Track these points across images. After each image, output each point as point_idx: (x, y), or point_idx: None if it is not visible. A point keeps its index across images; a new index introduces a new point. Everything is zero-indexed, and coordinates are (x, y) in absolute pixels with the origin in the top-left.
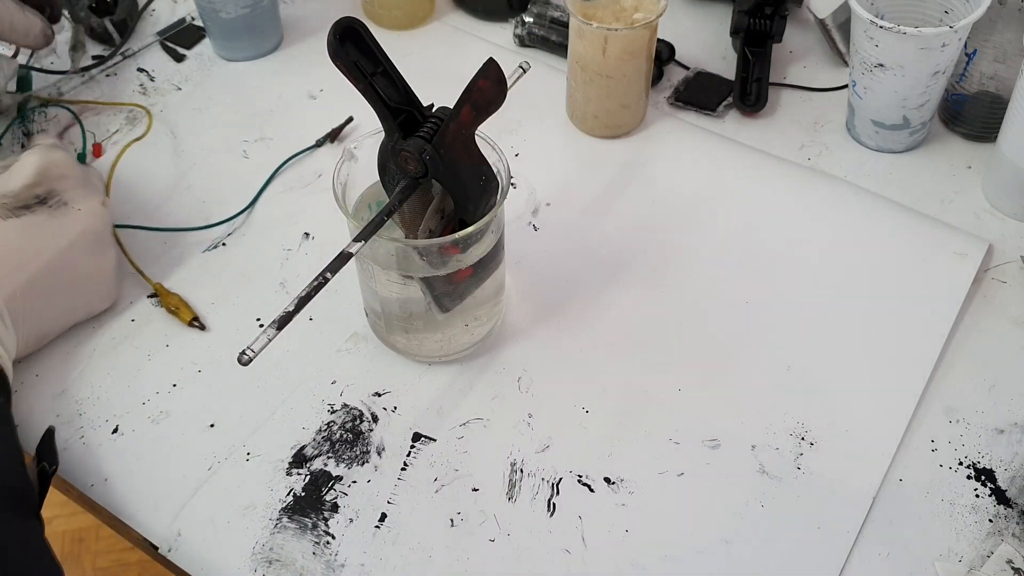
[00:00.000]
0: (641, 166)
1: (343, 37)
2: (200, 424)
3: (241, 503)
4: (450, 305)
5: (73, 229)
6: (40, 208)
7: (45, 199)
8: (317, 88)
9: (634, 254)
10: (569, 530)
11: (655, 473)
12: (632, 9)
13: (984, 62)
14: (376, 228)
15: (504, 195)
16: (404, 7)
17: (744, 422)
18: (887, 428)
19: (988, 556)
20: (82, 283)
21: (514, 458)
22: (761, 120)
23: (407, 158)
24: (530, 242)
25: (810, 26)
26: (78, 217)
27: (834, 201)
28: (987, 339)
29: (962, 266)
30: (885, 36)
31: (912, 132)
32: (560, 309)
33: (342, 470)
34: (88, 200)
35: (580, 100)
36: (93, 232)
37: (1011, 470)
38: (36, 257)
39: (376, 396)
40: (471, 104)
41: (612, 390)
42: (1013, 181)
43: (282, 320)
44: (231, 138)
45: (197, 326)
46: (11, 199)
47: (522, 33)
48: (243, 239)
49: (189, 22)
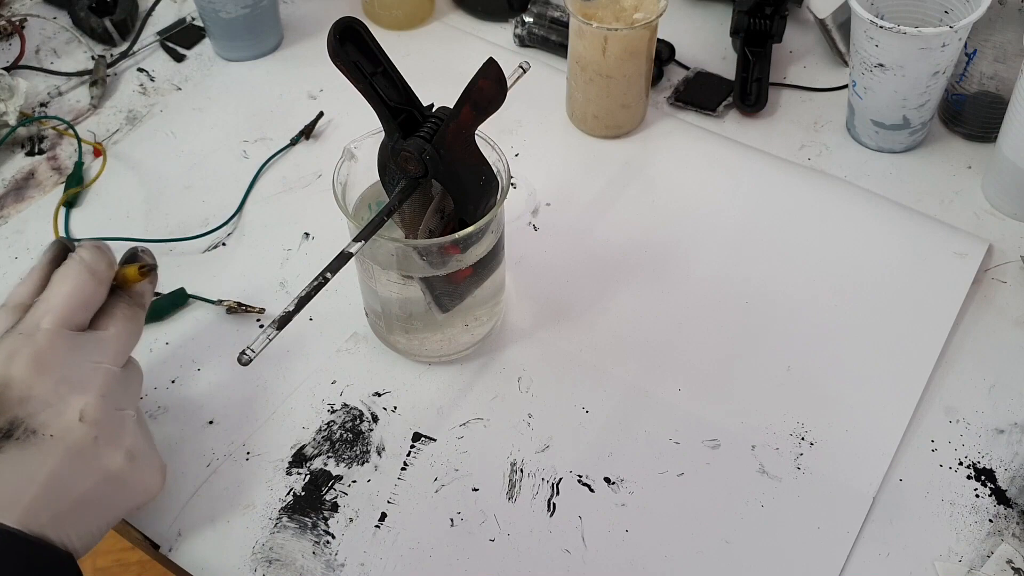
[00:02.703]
0: (641, 166)
1: (343, 37)
2: (199, 421)
3: (241, 502)
4: (450, 305)
5: (50, 460)
6: (7, 444)
7: (10, 431)
8: (317, 88)
9: (634, 254)
10: (569, 530)
11: (655, 473)
12: (632, 9)
13: (984, 62)
14: (376, 228)
15: (504, 195)
16: (404, 7)
17: (744, 422)
18: (887, 428)
19: (988, 556)
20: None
21: (514, 458)
22: (761, 120)
23: (407, 158)
24: (530, 242)
25: (810, 26)
26: (52, 446)
27: (834, 201)
28: (987, 339)
29: (962, 266)
30: (885, 36)
31: (912, 132)
32: (560, 309)
33: (342, 470)
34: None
35: (580, 100)
36: (76, 454)
37: (1011, 470)
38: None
39: (376, 396)
40: (471, 104)
41: (612, 390)
42: (1013, 181)
43: (282, 320)
44: (231, 138)
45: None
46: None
47: (522, 33)
48: (243, 239)
49: (189, 22)
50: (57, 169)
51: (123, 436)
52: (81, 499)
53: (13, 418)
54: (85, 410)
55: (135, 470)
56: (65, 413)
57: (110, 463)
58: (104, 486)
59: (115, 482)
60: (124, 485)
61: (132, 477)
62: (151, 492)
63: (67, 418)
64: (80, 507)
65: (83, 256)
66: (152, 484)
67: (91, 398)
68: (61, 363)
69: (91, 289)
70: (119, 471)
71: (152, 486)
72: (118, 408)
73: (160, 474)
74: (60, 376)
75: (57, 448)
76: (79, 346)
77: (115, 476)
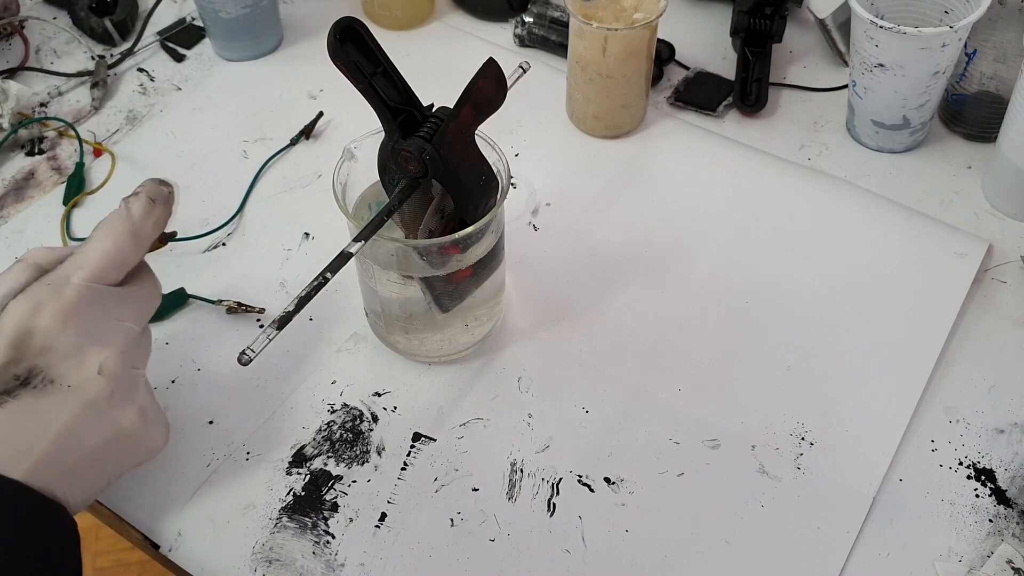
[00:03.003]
0: (641, 166)
1: (343, 37)
2: (199, 421)
3: (241, 502)
4: (450, 305)
5: (65, 412)
6: (23, 392)
7: (27, 379)
8: (317, 88)
9: (634, 254)
10: (569, 530)
11: (655, 473)
12: (632, 9)
13: (984, 62)
14: (376, 228)
15: (504, 195)
16: (404, 7)
17: (744, 422)
18: (887, 428)
19: (988, 556)
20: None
21: (514, 458)
22: (761, 120)
23: (407, 158)
24: (530, 242)
25: (810, 26)
26: (68, 397)
27: (834, 201)
28: (987, 339)
29: (962, 266)
30: (885, 36)
31: (912, 132)
32: (560, 309)
33: (342, 470)
34: (80, 371)
35: (580, 100)
36: (92, 407)
37: (1011, 470)
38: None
39: (376, 396)
40: (471, 104)
41: (612, 390)
42: (1013, 181)
43: (282, 320)
44: (231, 138)
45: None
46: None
47: (522, 33)
48: (243, 239)
49: (189, 22)
50: (57, 169)
51: (136, 394)
52: (91, 454)
53: (32, 366)
54: (104, 364)
55: (145, 428)
56: (84, 365)
57: (123, 419)
58: (114, 442)
59: (126, 439)
60: (133, 442)
61: (141, 435)
62: (156, 450)
63: (86, 371)
64: (88, 463)
65: (132, 212)
66: (157, 442)
67: (111, 353)
68: (86, 317)
69: (130, 250)
70: (131, 428)
71: (157, 444)
72: (134, 367)
73: (165, 432)
74: (83, 330)
75: (73, 400)
76: (105, 302)
77: (127, 433)
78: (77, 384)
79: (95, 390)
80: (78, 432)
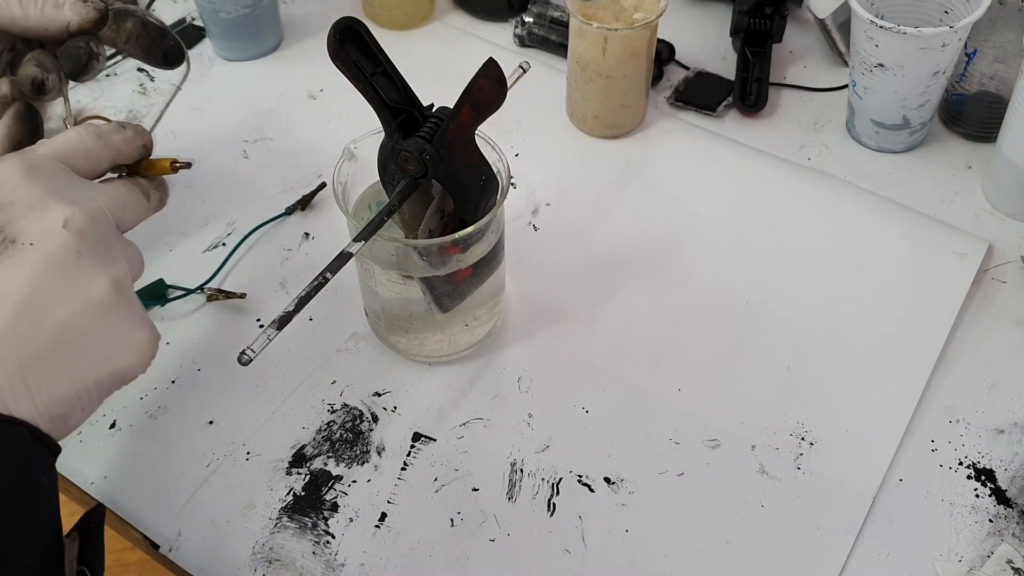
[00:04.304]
0: (641, 166)
1: (343, 37)
2: (199, 421)
3: (241, 502)
4: (450, 305)
5: (25, 273)
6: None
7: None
8: (317, 88)
9: (634, 254)
10: (569, 530)
11: (655, 473)
12: (632, 9)
13: (984, 62)
14: (376, 228)
15: (504, 195)
16: (404, 7)
17: (744, 422)
18: (887, 428)
19: (988, 556)
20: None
21: (514, 458)
22: (761, 120)
23: (407, 158)
24: (530, 242)
25: (810, 26)
26: (30, 255)
27: (834, 201)
28: (987, 339)
29: (962, 266)
30: (885, 36)
31: (912, 132)
32: (560, 309)
33: (342, 470)
34: (41, 225)
35: (580, 100)
36: (56, 267)
37: (1011, 470)
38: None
39: (376, 396)
40: (471, 104)
41: (612, 390)
42: (1013, 181)
43: (282, 320)
44: (231, 138)
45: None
46: None
47: (522, 33)
48: (243, 239)
49: (189, 22)
50: None
51: (110, 261)
52: (57, 335)
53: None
54: (71, 218)
55: (120, 311)
56: (47, 219)
57: (93, 288)
58: (85, 319)
59: (99, 321)
60: (108, 331)
61: (117, 320)
62: (138, 355)
63: (49, 223)
64: (56, 351)
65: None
66: (139, 343)
67: (78, 209)
68: (52, 177)
69: (95, 144)
70: (103, 300)
71: (139, 346)
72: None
73: (149, 333)
74: (48, 186)
75: (35, 258)
76: (72, 177)
77: (99, 308)
78: (39, 239)
79: (59, 244)
80: (41, 299)
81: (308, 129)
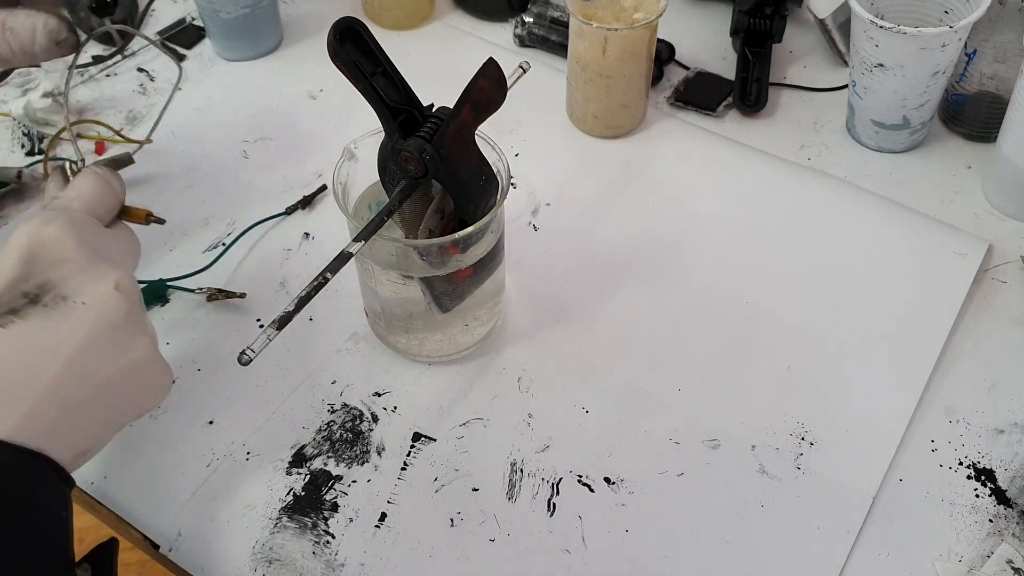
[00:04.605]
0: (641, 166)
1: (343, 37)
2: (199, 421)
3: (241, 502)
4: (450, 305)
5: (78, 332)
6: (31, 310)
7: (37, 297)
8: (317, 88)
9: (634, 254)
10: (569, 530)
11: (655, 473)
12: (632, 9)
13: (984, 62)
14: (376, 228)
15: (504, 195)
16: (404, 7)
17: (744, 422)
18: (887, 428)
19: (988, 556)
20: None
21: (514, 458)
22: (761, 120)
23: (407, 158)
24: (530, 242)
25: (810, 26)
26: (83, 315)
27: (834, 201)
28: (987, 339)
29: (962, 266)
30: (885, 36)
31: (912, 132)
32: (560, 309)
33: (342, 470)
34: (95, 287)
35: (580, 100)
36: (107, 328)
37: (1011, 470)
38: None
39: (376, 396)
40: (471, 104)
41: (612, 390)
42: (1013, 181)
43: (282, 320)
44: (231, 138)
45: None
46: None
47: (522, 33)
48: (243, 239)
49: (189, 22)
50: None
51: (147, 323)
52: (97, 391)
53: (44, 281)
54: (120, 282)
55: (154, 364)
56: (101, 281)
57: (136, 348)
58: (124, 378)
59: (135, 375)
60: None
61: (151, 372)
62: (159, 397)
63: (103, 286)
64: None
65: (96, 171)
66: (162, 386)
67: (125, 272)
68: (93, 235)
69: (109, 194)
70: (143, 360)
71: (162, 388)
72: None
73: (169, 378)
74: (93, 246)
75: (88, 318)
76: (106, 234)
77: (138, 365)
78: (93, 300)
79: (112, 307)
80: (89, 359)
81: (308, 129)
